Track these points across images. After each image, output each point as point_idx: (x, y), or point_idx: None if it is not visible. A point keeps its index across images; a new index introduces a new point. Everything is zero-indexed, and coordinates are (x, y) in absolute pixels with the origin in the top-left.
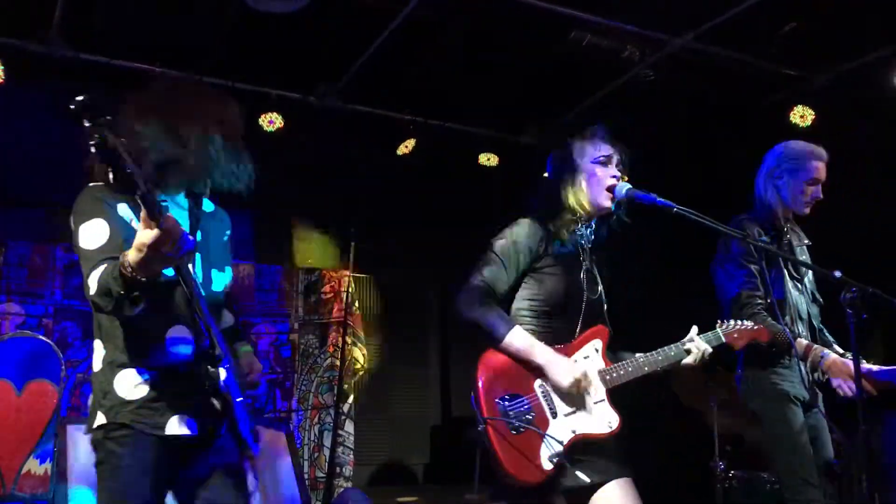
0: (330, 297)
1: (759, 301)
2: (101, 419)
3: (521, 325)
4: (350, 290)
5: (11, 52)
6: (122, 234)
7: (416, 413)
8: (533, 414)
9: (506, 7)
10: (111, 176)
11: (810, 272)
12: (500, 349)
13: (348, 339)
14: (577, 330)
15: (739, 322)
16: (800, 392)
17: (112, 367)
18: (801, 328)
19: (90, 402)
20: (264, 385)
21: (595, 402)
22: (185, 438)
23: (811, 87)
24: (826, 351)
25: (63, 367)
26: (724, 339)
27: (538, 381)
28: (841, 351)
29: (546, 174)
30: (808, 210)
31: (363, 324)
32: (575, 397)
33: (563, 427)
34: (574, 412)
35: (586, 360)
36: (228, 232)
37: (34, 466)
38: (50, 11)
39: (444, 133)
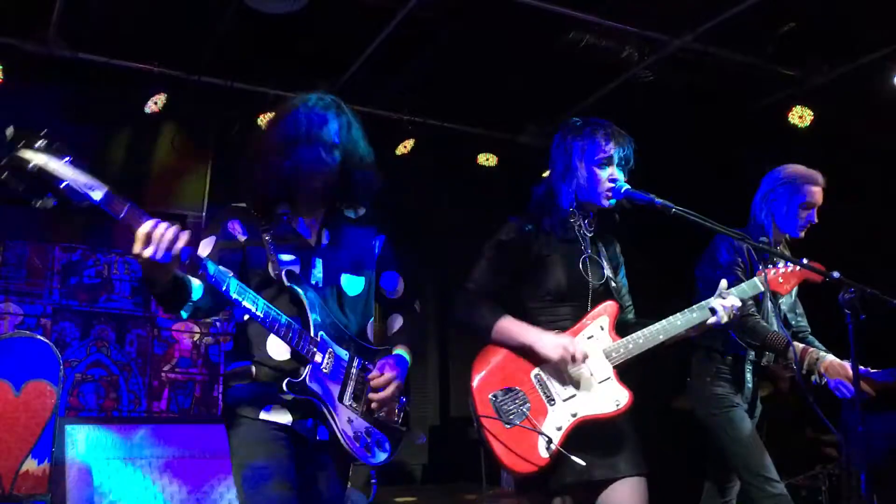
0: None
1: (753, 308)
2: (230, 395)
3: (530, 316)
4: None
5: (10, 51)
6: (223, 244)
7: (414, 413)
8: (528, 405)
9: (506, 7)
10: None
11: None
12: (494, 341)
13: None
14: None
15: (783, 264)
16: (742, 402)
17: (231, 356)
18: None
19: None
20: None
21: (600, 382)
22: (282, 426)
23: (810, 87)
24: (823, 352)
25: (61, 366)
26: (762, 288)
27: (534, 371)
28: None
29: (547, 172)
30: (801, 234)
31: None
32: (574, 379)
33: (562, 412)
34: (574, 396)
35: (590, 340)
36: (378, 240)
37: (32, 466)
38: (48, 11)
39: (444, 133)
